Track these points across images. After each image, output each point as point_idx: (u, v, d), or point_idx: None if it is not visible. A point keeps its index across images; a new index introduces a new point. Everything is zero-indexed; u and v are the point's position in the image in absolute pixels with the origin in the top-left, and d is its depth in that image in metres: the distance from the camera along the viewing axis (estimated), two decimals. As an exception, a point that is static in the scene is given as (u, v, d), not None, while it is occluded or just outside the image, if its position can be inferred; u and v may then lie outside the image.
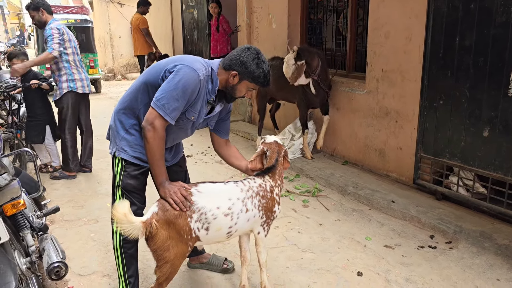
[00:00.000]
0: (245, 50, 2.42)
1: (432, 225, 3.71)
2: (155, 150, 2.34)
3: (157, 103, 2.30)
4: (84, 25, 10.79)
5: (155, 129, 2.31)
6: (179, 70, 2.31)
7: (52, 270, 2.36)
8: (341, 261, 3.28)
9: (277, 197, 2.58)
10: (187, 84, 2.30)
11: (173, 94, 2.28)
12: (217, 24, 7.99)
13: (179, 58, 2.43)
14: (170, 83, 2.30)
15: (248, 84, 2.47)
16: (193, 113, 2.45)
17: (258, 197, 2.47)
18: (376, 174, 4.90)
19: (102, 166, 5.50)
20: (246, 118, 7.53)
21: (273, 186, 2.56)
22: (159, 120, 2.31)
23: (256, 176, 2.59)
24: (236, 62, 2.42)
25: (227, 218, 2.37)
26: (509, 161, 3.49)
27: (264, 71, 2.43)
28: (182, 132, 2.59)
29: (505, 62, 3.40)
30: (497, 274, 3.05)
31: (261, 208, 2.48)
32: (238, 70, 2.41)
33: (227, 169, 5.35)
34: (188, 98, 2.34)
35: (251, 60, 2.40)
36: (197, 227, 2.33)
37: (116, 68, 14.85)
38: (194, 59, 2.42)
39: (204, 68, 2.39)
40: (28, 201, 2.83)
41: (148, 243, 2.30)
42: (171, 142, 2.65)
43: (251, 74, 2.41)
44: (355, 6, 5.32)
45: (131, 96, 2.52)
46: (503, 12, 3.37)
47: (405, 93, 4.45)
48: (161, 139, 2.35)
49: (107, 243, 3.52)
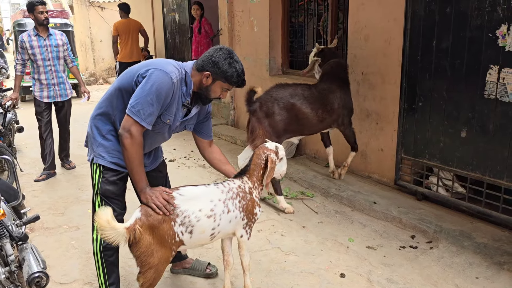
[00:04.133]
0: (217, 50, 2.41)
1: (413, 225, 3.77)
2: (134, 156, 2.33)
3: (132, 110, 2.28)
4: (64, 29, 10.65)
5: (132, 135, 2.30)
6: (152, 74, 2.30)
7: (32, 281, 2.31)
8: (324, 263, 3.30)
9: (257, 199, 2.58)
10: (160, 88, 2.29)
11: (147, 99, 2.27)
12: (199, 26, 7.98)
13: (152, 62, 2.42)
14: (144, 88, 2.29)
15: (222, 84, 2.45)
16: (168, 117, 2.44)
17: (239, 198, 2.48)
18: (358, 176, 4.95)
19: (84, 172, 5.43)
20: (229, 121, 7.53)
21: (252, 188, 2.56)
22: (135, 126, 2.30)
23: (234, 177, 2.60)
24: (208, 63, 2.40)
25: (210, 220, 2.38)
26: (486, 161, 3.57)
27: (237, 71, 2.41)
28: (159, 136, 2.58)
29: (481, 64, 3.47)
30: (476, 272, 3.11)
31: (241, 209, 2.49)
32: (211, 71, 2.40)
33: (210, 173, 5.34)
34: (162, 102, 2.33)
35: (223, 59, 2.38)
36: (181, 230, 2.32)
37: (98, 72, 14.68)
38: (167, 62, 2.41)
39: (177, 71, 2.38)
40: (7, 210, 2.78)
41: (131, 249, 2.29)
42: (149, 147, 2.64)
43: (223, 74, 2.39)
44: (335, 9, 5.38)
45: (106, 102, 2.51)
46: (478, 16, 3.45)
47: (385, 95, 4.51)
48: (139, 145, 2.34)
49: (88, 251, 3.47)
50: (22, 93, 10.11)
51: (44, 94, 5.15)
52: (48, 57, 5.09)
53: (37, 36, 5.06)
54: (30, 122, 7.24)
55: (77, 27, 13.85)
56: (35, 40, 5.05)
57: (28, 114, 8.46)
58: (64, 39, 5.26)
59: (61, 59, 5.24)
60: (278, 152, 2.62)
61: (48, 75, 5.12)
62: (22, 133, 5.65)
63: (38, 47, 5.05)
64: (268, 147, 2.62)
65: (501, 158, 3.46)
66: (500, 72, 3.36)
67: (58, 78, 5.20)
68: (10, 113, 5.44)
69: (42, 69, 5.09)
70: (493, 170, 3.53)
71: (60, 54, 5.20)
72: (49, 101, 5.21)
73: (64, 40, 5.25)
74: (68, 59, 5.34)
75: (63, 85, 5.25)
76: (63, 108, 5.38)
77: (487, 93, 3.46)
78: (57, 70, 5.19)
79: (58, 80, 5.19)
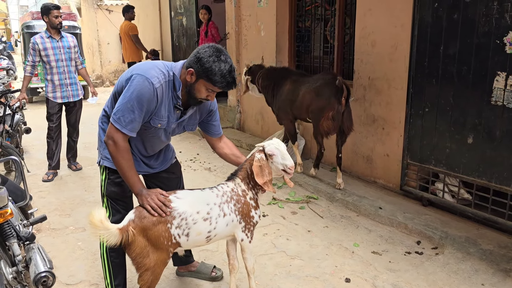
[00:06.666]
0: (205, 47, 2.28)
1: (418, 231, 3.76)
2: (121, 162, 2.32)
3: (114, 117, 2.29)
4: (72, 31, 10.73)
5: (116, 143, 2.30)
6: (133, 80, 2.27)
7: (39, 280, 2.33)
8: (329, 268, 3.30)
9: (252, 201, 2.53)
10: (140, 94, 2.24)
11: (127, 106, 2.25)
12: (206, 29, 8.02)
13: (136, 67, 2.37)
14: (125, 95, 2.28)
15: (205, 83, 2.29)
16: (159, 121, 2.39)
17: (233, 201, 2.47)
18: (363, 181, 4.94)
19: (90, 174, 5.47)
20: (235, 125, 7.54)
21: (246, 190, 2.52)
22: (117, 134, 2.29)
23: (227, 180, 2.58)
24: (193, 59, 2.28)
25: (206, 223, 2.38)
26: (492, 167, 3.56)
27: (221, 70, 2.23)
28: (155, 139, 2.56)
29: (488, 71, 3.47)
30: (482, 279, 3.10)
31: (237, 212, 2.47)
32: (194, 67, 2.27)
33: (216, 176, 5.35)
34: (145, 107, 2.28)
35: (208, 56, 2.23)
36: (178, 233, 2.33)
37: (105, 75, 14.76)
38: (151, 66, 2.34)
39: (161, 75, 2.31)
40: (14, 210, 2.80)
41: (126, 251, 2.31)
42: (152, 150, 2.63)
43: (205, 72, 2.24)
44: (342, 14, 5.38)
45: (108, 104, 2.53)
46: (486, 22, 3.45)
47: (391, 100, 4.52)
48: (124, 150, 2.32)
49: (95, 252, 3.50)
50: (30, 94, 10.19)
51: (57, 95, 5.25)
52: (62, 58, 5.21)
53: (50, 38, 5.16)
54: (37, 124, 7.32)
55: (84, 29, 13.95)
56: (48, 42, 5.15)
57: (35, 115, 8.54)
58: (75, 41, 5.39)
59: (73, 60, 5.36)
60: (265, 149, 2.47)
61: (61, 76, 5.23)
62: (29, 134, 5.70)
63: (51, 49, 5.15)
64: (263, 148, 2.50)
65: (508, 164, 3.45)
66: (507, 79, 3.36)
67: (71, 78, 5.32)
68: (18, 114, 5.50)
69: (55, 70, 5.19)
70: (500, 177, 3.52)
71: (72, 56, 5.33)
72: (62, 102, 5.31)
73: (75, 42, 5.39)
74: (78, 61, 5.43)
75: (75, 86, 5.37)
76: (75, 108, 5.47)
77: (494, 100, 3.46)
78: (70, 71, 5.31)
79: (70, 81, 5.31)
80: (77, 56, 5.40)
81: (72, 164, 5.67)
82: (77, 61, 5.41)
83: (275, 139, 2.56)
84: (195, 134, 7.13)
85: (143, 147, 2.58)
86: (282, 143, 2.54)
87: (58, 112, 5.34)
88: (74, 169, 5.63)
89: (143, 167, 2.66)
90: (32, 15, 12.58)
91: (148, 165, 2.68)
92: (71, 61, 5.33)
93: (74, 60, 5.37)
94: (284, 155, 2.47)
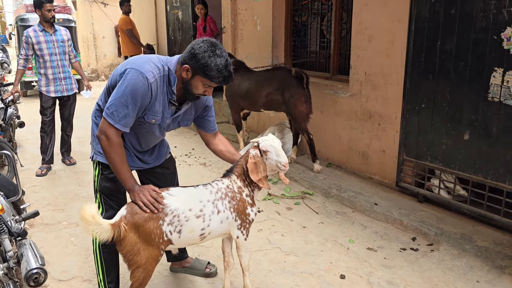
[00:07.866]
0: (200, 42, 2.24)
1: (414, 227, 3.75)
2: (114, 157, 2.29)
3: (106, 112, 2.25)
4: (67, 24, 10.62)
5: (108, 138, 2.26)
6: (127, 75, 2.23)
7: (30, 277, 2.30)
8: (324, 264, 3.29)
9: (248, 198, 2.50)
10: (134, 89, 2.21)
11: (121, 100, 2.22)
12: (204, 24, 7.97)
13: (130, 61, 2.33)
14: (119, 89, 2.23)
15: (201, 79, 2.26)
16: (153, 116, 2.35)
17: (228, 198, 2.43)
18: (359, 177, 4.93)
19: (84, 168, 5.42)
20: (230, 120, 7.50)
21: (242, 187, 2.49)
22: (110, 128, 2.25)
23: (223, 177, 2.55)
24: (188, 55, 2.24)
25: (199, 220, 2.34)
26: (488, 164, 3.55)
27: (217, 66, 2.20)
28: (150, 135, 2.52)
29: (485, 67, 3.45)
30: (477, 276, 3.09)
31: (232, 210, 2.44)
32: (190, 64, 2.23)
33: (211, 172, 5.32)
34: (139, 102, 2.24)
35: (203, 52, 2.19)
36: (169, 230, 2.29)
37: (100, 69, 14.66)
38: (145, 60, 2.29)
39: (156, 69, 2.27)
40: (6, 205, 2.77)
41: (117, 247, 2.28)
42: (146, 145, 2.60)
43: (201, 68, 2.20)
44: (339, 9, 5.35)
45: (102, 98, 2.48)
46: (483, 18, 3.42)
47: (388, 96, 4.49)
48: (117, 146, 2.29)
49: (88, 247, 3.46)
50: (24, 88, 10.10)
51: (51, 89, 5.19)
52: (55, 52, 5.14)
53: (43, 31, 5.08)
54: (31, 117, 7.26)
55: (79, 23, 13.82)
56: (41, 36, 5.08)
57: (29, 109, 8.48)
58: (68, 35, 5.32)
59: (67, 54, 5.30)
60: (259, 145, 2.44)
61: (55, 69, 5.17)
62: (23, 128, 5.65)
63: (45, 42, 5.08)
64: (257, 144, 2.48)
65: (504, 161, 3.44)
66: (504, 75, 3.34)
67: (65, 72, 5.26)
68: (11, 108, 5.44)
69: (48, 64, 5.13)
70: (496, 173, 3.51)
71: (66, 49, 5.27)
72: (56, 96, 5.25)
73: (68, 35, 5.32)
74: (71, 54, 5.37)
75: (69, 80, 5.31)
76: (68, 102, 5.41)
77: (491, 96, 3.44)
78: (64, 65, 5.25)
79: (64, 75, 5.25)
80: (71, 50, 5.34)
81: (66, 159, 5.63)
82: (70, 54, 5.35)
83: (270, 135, 2.52)
84: (190, 129, 7.09)
85: (137, 142, 2.55)
86: (277, 139, 2.50)
87: (52, 106, 5.28)
88: (68, 163, 5.59)
89: (137, 162, 2.63)
90: (26, 7, 12.43)
91: (142, 160, 2.65)
92: (65, 55, 5.26)
93: (67, 54, 5.30)
94: (279, 151, 2.44)
